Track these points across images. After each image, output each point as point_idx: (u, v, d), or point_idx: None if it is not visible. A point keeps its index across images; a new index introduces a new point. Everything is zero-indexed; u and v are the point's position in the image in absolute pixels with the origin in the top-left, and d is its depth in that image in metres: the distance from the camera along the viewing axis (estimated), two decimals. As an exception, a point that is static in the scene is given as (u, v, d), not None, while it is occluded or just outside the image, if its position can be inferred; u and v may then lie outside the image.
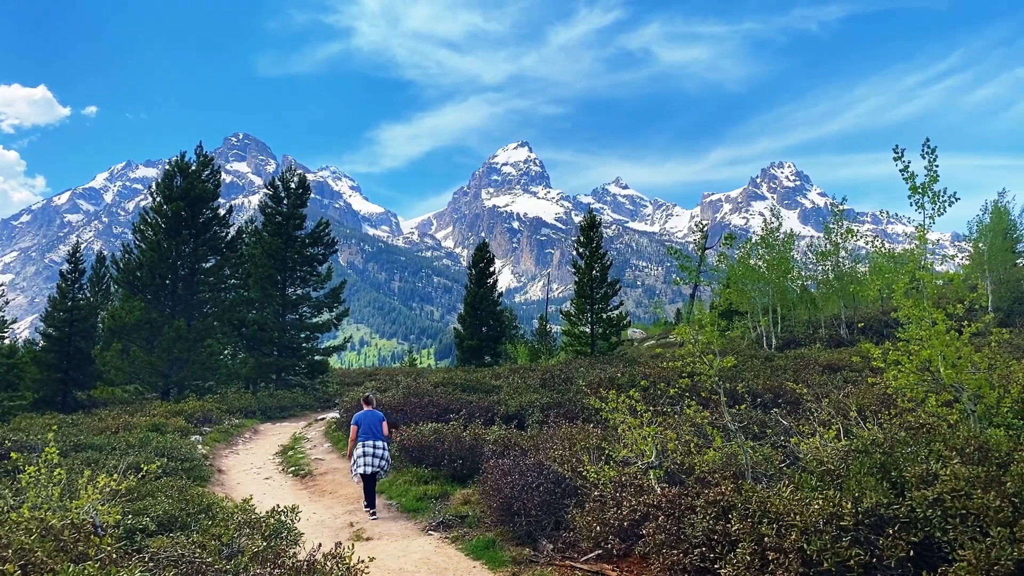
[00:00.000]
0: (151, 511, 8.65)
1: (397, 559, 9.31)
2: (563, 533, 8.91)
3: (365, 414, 12.65)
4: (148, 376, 27.97)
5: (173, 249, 29.12)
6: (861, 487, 5.77)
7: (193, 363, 28.49)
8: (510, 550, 9.16)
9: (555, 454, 10.28)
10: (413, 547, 9.91)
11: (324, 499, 14.13)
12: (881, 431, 6.85)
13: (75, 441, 14.73)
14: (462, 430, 14.41)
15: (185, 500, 9.07)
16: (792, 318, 39.79)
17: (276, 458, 18.70)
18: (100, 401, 31.07)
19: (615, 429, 11.07)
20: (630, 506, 7.94)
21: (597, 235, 34.17)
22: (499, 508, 9.76)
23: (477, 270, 42.33)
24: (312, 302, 36.94)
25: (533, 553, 8.92)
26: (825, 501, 5.67)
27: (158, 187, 29.46)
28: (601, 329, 33.35)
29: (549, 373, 24.31)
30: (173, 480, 12.09)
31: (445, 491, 12.87)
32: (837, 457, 6.80)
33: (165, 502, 8.87)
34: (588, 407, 16.70)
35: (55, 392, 31.60)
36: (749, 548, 5.78)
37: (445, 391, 20.71)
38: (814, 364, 22.21)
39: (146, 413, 21.13)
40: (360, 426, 12.45)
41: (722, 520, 6.62)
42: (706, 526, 6.67)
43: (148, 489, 10.37)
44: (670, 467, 9.31)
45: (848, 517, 5.44)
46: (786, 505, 5.85)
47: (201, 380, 29.34)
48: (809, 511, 5.61)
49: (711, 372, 9.20)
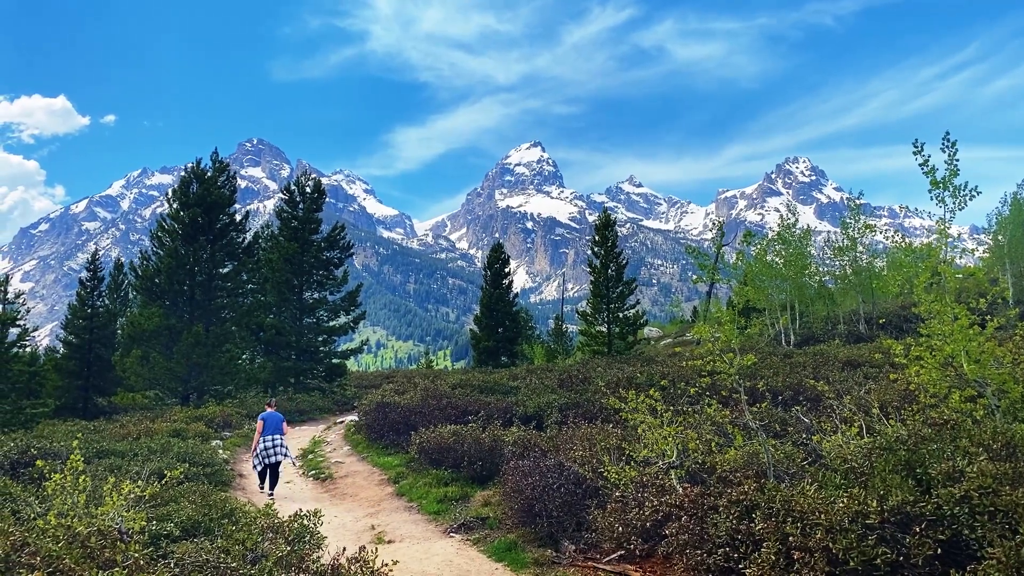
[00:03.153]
0: (175, 517, 8.70)
1: (420, 562, 9.33)
2: (585, 534, 8.90)
3: (269, 414, 15.38)
4: (168, 382, 28.17)
5: (190, 255, 29.31)
6: (886, 485, 5.72)
7: (212, 368, 28.67)
8: (532, 551, 9.16)
9: (575, 455, 10.27)
10: (435, 549, 9.93)
11: (345, 502, 14.19)
12: (905, 428, 6.78)
13: (98, 448, 14.84)
14: (481, 432, 14.42)
15: (208, 505, 9.11)
16: (810, 314, 39.54)
17: (296, 461, 18.77)
18: (121, 407, 31.40)
19: (635, 429, 11.05)
20: (652, 506, 7.92)
21: (612, 234, 34.10)
22: (520, 509, 9.76)
23: (492, 271, 42.36)
24: (329, 306, 37.08)
25: (555, 554, 8.91)
26: (850, 499, 5.63)
27: (174, 194, 29.65)
28: (618, 328, 33.28)
29: (567, 373, 24.29)
30: (195, 485, 12.15)
31: (465, 493, 12.89)
32: (861, 455, 6.75)
33: (189, 507, 8.92)
34: (607, 407, 16.65)
35: (76, 399, 31.97)
36: (774, 547, 5.75)
37: (463, 393, 20.73)
38: (834, 361, 22.04)
39: (167, 419, 21.27)
40: (265, 423, 15.08)
41: (745, 520, 6.59)
42: (729, 526, 6.63)
43: (172, 495, 10.43)
44: (691, 467, 9.27)
45: (874, 515, 5.40)
46: (811, 504, 5.81)
47: (220, 385, 29.52)
48: (834, 509, 5.58)
49: (731, 371, 9.16)
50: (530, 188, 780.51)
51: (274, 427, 15.17)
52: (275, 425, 15.21)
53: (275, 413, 15.58)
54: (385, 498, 13.96)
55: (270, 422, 15.20)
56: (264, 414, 15.44)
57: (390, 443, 18.14)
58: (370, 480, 15.61)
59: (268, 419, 15.25)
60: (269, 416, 15.34)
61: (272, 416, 15.38)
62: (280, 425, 15.33)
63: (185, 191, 29.95)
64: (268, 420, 15.23)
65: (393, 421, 18.56)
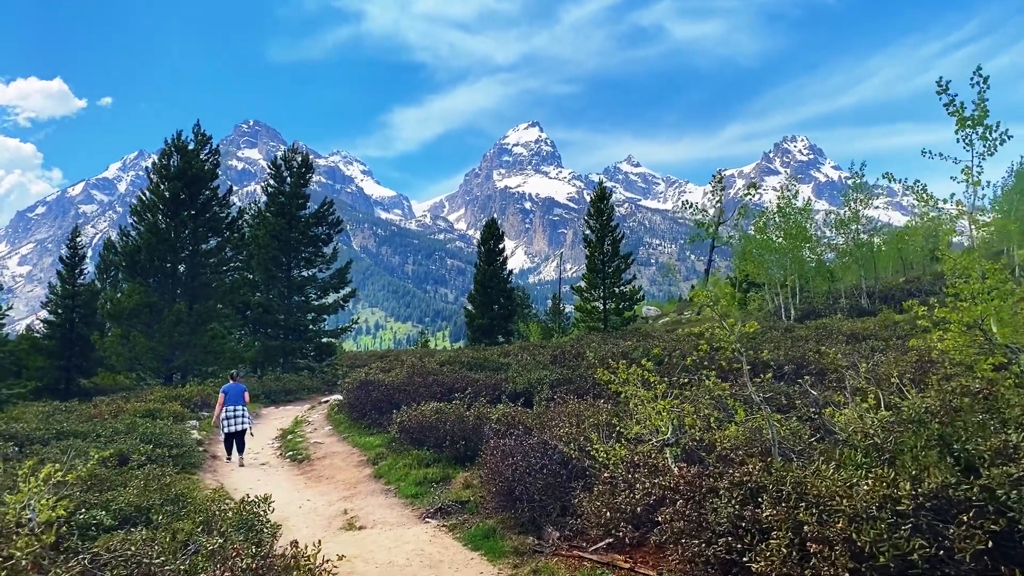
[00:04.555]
0: (114, 504, 7.82)
1: (388, 551, 8.45)
2: (570, 520, 8.01)
3: (230, 386, 15.85)
4: (150, 361, 27.27)
5: (172, 230, 28.30)
6: (920, 464, 4.80)
7: (195, 347, 27.76)
8: (512, 539, 8.27)
9: (561, 432, 9.36)
10: (407, 536, 9.05)
11: (320, 484, 13.31)
12: (934, 397, 5.85)
13: (58, 429, 13.96)
14: (465, 409, 13.53)
15: (153, 491, 8.21)
16: (810, 289, 38.69)
17: (275, 442, 17.92)
18: (104, 389, 30.50)
19: (627, 404, 10.17)
20: (644, 489, 7.02)
21: (608, 207, 33.07)
22: (500, 493, 8.87)
23: (487, 248, 41.41)
24: (318, 283, 36.11)
25: (537, 542, 8.03)
26: (876, 481, 4.71)
27: (155, 167, 28.58)
28: (614, 304, 32.34)
29: (560, 350, 23.38)
30: (154, 468, 11.29)
31: (447, 474, 12.01)
32: (884, 429, 5.82)
33: (130, 493, 8.02)
34: (599, 383, 15.75)
35: (58, 380, 31.09)
36: (785, 538, 4.84)
37: (451, 370, 19.84)
38: (837, 333, 21.16)
39: (142, 399, 20.39)
40: (227, 395, 15.61)
41: (751, 505, 5.69)
42: (732, 512, 5.73)
43: (122, 479, 9.57)
44: (688, 444, 8.38)
45: (906, 500, 4.47)
46: (829, 487, 4.89)
47: (205, 365, 28.62)
48: (858, 494, 4.66)
49: (732, 339, 8.25)
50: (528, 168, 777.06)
51: (235, 398, 15.66)
52: (236, 396, 15.70)
53: (237, 384, 16.06)
54: (362, 480, 13.08)
55: (231, 393, 15.70)
56: (225, 386, 15.94)
57: (372, 422, 17.25)
58: (348, 461, 14.73)
59: (229, 391, 15.74)
60: (230, 388, 15.82)
61: (233, 387, 15.86)
62: (241, 396, 15.81)
63: (166, 164, 28.90)
64: (229, 392, 15.72)
65: (376, 400, 17.66)
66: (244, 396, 15.98)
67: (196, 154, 29.37)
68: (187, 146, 29.06)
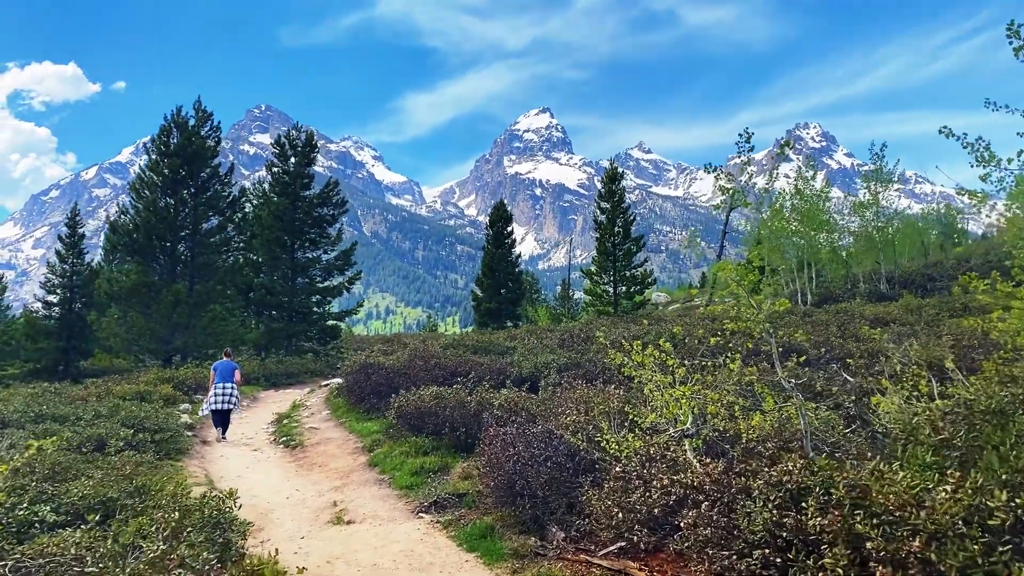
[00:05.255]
0: (66, 496, 6.99)
1: (374, 550, 7.60)
2: (577, 519, 7.12)
3: (221, 363, 15.93)
4: (148, 343, 26.50)
5: (171, 209, 27.45)
6: (1011, 467, 3.87)
7: (195, 329, 27.00)
8: (511, 539, 7.39)
9: (568, 421, 8.46)
10: (397, 534, 8.20)
11: (312, 473, 12.48)
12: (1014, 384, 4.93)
13: (36, 411, 13.16)
14: (467, 394, 12.64)
15: (112, 482, 7.37)
16: (826, 274, 37.62)
17: (270, 427, 17.12)
18: (103, 371, 29.80)
19: (641, 390, 9.28)
20: (662, 487, 6.12)
21: (619, 189, 32.01)
22: (500, 487, 7.99)
23: (495, 230, 40.49)
24: (322, 265, 35.21)
25: (540, 543, 7.15)
26: (958, 488, 3.78)
27: (154, 143, 27.69)
28: (624, 287, 31.37)
29: (568, 333, 22.47)
30: (131, 455, 10.49)
31: (445, 464, 11.14)
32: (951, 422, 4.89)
33: (84, 485, 7.18)
34: (610, 367, 14.83)
35: (57, 361, 30.41)
36: (843, 555, 3.92)
37: (454, 353, 18.96)
38: (859, 318, 20.18)
39: (133, 381, 19.62)
40: (217, 372, 15.69)
41: (791, 510, 4.78)
42: (769, 518, 4.83)
43: (85, 468, 8.75)
44: (709, 435, 7.49)
45: (1000, 514, 3.55)
46: (896, 493, 3.96)
47: (205, 347, 27.82)
48: (937, 504, 3.73)
49: (761, 317, 7.33)
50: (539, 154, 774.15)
51: (225, 375, 15.69)
52: (226, 373, 15.72)
53: (228, 362, 16.09)
54: (356, 469, 12.24)
55: (221, 370, 15.74)
56: (216, 363, 16.06)
57: (371, 407, 16.39)
58: (343, 448, 13.89)
59: (220, 368, 15.83)
60: (221, 365, 15.91)
61: (224, 364, 15.92)
62: (232, 373, 15.81)
63: (165, 141, 28.00)
64: (220, 368, 15.81)
65: (376, 383, 16.79)
66: (235, 374, 15.90)
67: (196, 131, 28.47)
68: (187, 122, 28.15)
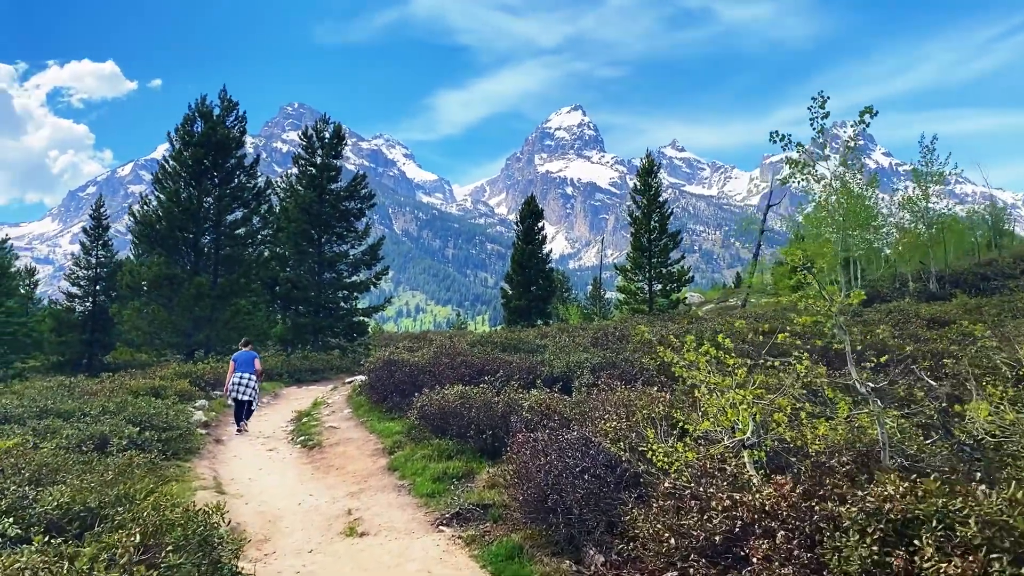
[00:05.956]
0: (39, 505, 6.17)
1: (387, 570, 6.71)
2: (618, 542, 6.14)
3: (241, 353, 15.93)
4: (169, 336, 25.97)
5: (195, 199, 26.87)
6: None
7: (218, 323, 26.42)
8: (542, 562, 6.45)
9: (607, 427, 7.48)
10: (414, 550, 7.30)
11: (328, 476, 11.64)
12: None
13: (41, 407, 12.49)
14: (494, 394, 11.71)
15: (91, 489, 6.54)
16: (870, 273, 36.15)
17: (289, 425, 16.35)
18: (126, 364, 29.38)
19: (687, 394, 8.28)
20: (723, 508, 5.14)
21: (656, 182, 30.88)
22: (530, 500, 7.03)
23: (525, 226, 39.53)
24: (350, 260, 34.53)
25: (575, 568, 6.20)
26: None
27: (177, 132, 27.14)
28: (660, 285, 30.23)
29: (602, 331, 21.46)
30: (133, 455, 9.73)
31: (470, 469, 10.24)
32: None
33: (57, 494, 6.36)
34: (648, 368, 13.85)
35: (80, 354, 30.05)
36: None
37: (482, 351, 18.04)
38: (915, 318, 18.93)
39: (149, 375, 19.00)
40: (236, 362, 15.67)
41: (901, 546, 3.78)
42: (866, 556, 3.84)
43: (76, 470, 7.98)
44: (771, 446, 6.48)
45: None
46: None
47: (228, 341, 27.22)
48: None
49: (834, 309, 6.32)
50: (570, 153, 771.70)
51: (245, 365, 15.60)
52: (245, 363, 15.65)
53: (248, 352, 16.07)
54: (375, 473, 11.37)
55: (240, 360, 15.68)
56: (236, 354, 16.05)
57: (394, 406, 15.51)
58: (363, 450, 13.04)
59: (239, 358, 15.78)
60: (240, 355, 15.88)
61: (244, 355, 15.88)
62: (251, 363, 15.73)
63: (189, 130, 27.45)
64: (239, 359, 15.75)
65: (399, 381, 15.92)
66: (255, 364, 15.78)
67: (221, 120, 27.90)
68: (211, 111, 27.58)
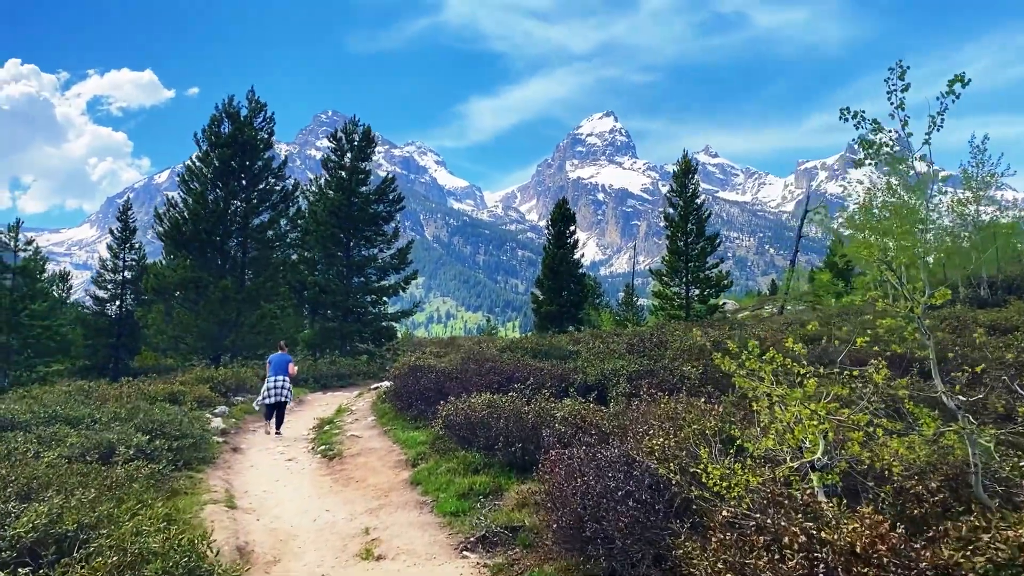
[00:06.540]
0: (14, 528, 5.49)
1: (403, 604, 5.93)
2: (669, 580, 5.30)
3: (276, 356, 16.10)
4: (194, 340, 25.54)
5: (221, 201, 26.47)
6: None
7: (244, 327, 25.95)
8: (580, 601, 5.63)
9: (653, 443, 6.62)
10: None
11: (347, 490, 10.91)
12: None
13: (49, 413, 11.94)
14: (524, 403, 10.88)
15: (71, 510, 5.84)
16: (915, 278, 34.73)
17: (311, 433, 15.70)
18: (151, 369, 29.07)
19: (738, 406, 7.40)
20: (800, 547, 4.27)
21: (693, 183, 29.88)
22: (564, 527, 6.20)
23: (556, 230, 38.75)
24: (378, 264, 34.02)
25: (618, 609, 5.37)
26: None
27: (204, 133, 26.77)
28: (697, 290, 29.19)
29: (638, 337, 20.52)
30: (139, 465, 9.10)
31: (498, 485, 9.42)
32: None
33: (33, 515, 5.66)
34: (689, 377, 12.96)
35: (107, 358, 29.80)
36: None
37: (511, 357, 17.25)
38: (973, 324, 17.78)
39: (168, 381, 18.49)
40: (271, 365, 15.86)
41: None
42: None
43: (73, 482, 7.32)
44: (843, 467, 5.60)
45: None
46: None
47: (255, 346, 26.77)
48: None
49: (917, 311, 5.45)
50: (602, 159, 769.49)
51: (280, 368, 15.73)
52: (280, 366, 15.78)
53: (283, 355, 16.17)
54: (396, 487, 10.61)
55: (275, 363, 15.84)
56: (271, 356, 16.25)
57: (419, 414, 14.77)
58: (385, 461, 12.30)
59: (274, 360, 15.94)
60: (275, 358, 16.03)
61: (279, 357, 16.00)
62: (286, 366, 15.85)
63: (216, 131, 27.07)
64: (274, 361, 15.91)
65: (424, 388, 15.18)
66: (289, 367, 15.90)
67: (249, 121, 27.49)
68: (238, 112, 27.18)
